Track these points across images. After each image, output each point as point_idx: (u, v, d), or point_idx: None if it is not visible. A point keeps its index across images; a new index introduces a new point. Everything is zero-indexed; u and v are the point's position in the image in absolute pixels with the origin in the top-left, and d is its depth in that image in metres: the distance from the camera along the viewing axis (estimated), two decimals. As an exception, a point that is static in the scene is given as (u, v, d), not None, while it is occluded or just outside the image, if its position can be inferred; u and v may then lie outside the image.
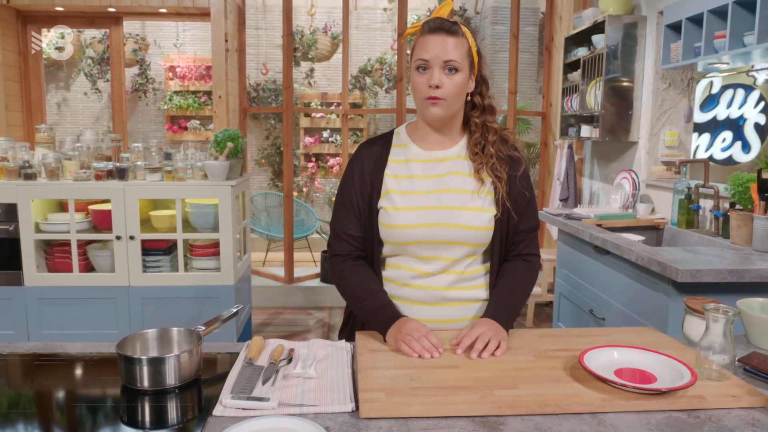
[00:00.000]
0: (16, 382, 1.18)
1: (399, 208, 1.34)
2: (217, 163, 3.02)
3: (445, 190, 1.35)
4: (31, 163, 3.02)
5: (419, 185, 1.36)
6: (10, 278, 3.00)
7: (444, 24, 1.31)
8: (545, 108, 4.74)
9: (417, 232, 1.33)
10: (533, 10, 6.29)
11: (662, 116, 3.32)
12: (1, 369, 1.22)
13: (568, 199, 4.02)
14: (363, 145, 1.45)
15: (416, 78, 1.32)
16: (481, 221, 1.34)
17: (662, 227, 2.97)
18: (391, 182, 1.37)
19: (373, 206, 1.37)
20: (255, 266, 5.03)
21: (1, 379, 1.18)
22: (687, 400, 1.01)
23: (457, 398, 1.00)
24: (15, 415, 1.03)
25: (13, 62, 4.18)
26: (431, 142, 1.40)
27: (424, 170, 1.38)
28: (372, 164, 1.40)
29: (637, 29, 3.36)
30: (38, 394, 1.12)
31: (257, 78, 6.92)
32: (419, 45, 1.32)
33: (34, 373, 1.21)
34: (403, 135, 1.44)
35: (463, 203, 1.34)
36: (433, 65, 1.29)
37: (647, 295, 2.24)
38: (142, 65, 6.78)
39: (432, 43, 1.29)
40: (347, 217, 1.39)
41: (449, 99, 1.31)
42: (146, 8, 4.09)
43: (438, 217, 1.33)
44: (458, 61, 1.29)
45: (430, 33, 1.31)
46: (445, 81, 1.29)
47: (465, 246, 1.35)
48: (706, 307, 1.12)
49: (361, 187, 1.39)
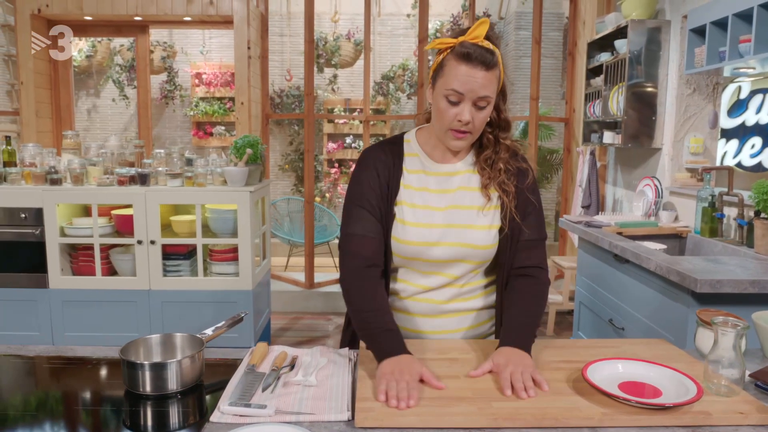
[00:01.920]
0: (22, 384, 1.21)
1: (412, 223, 1.31)
2: (236, 169, 3.06)
3: (456, 206, 1.32)
4: (57, 169, 3.11)
5: (433, 200, 1.33)
6: (35, 281, 3.09)
7: (484, 56, 1.20)
8: (568, 114, 4.68)
9: (429, 251, 1.30)
10: (558, 15, 6.23)
11: (686, 122, 3.25)
12: (8, 371, 1.25)
13: (590, 206, 3.96)
14: (373, 150, 1.39)
15: (443, 106, 1.25)
16: (486, 239, 1.31)
17: (685, 236, 2.90)
18: (405, 193, 1.34)
19: (391, 211, 1.33)
20: (276, 271, 5.07)
21: (7, 381, 1.21)
22: (692, 416, 0.98)
23: (454, 409, 0.99)
24: (19, 417, 1.05)
25: (44, 70, 4.31)
26: (444, 153, 1.36)
27: (438, 184, 1.34)
28: (386, 169, 1.34)
29: (661, 34, 3.30)
30: (43, 397, 1.14)
31: (281, 84, 7.00)
32: (452, 72, 1.22)
33: (42, 375, 1.24)
34: (413, 143, 1.39)
35: (471, 221, 1.31)
36: (466, 100, 1.23)
37: (667, 306, 2.19)
38: (170, 72, 6.92)
39: (468, 76, 1.20)
40: (365, 219, 1.31)
41: (475, 132, 1.28)
42: (171, 17, 4.17)
43: (450, 235, 1.30)
44: (491, 96, 1.24)
45: (465, 61, 1.20)
46: (475, 116, 1.24)
47: (468, 263, 1.32)
48: (715, 320, 1.08)
49: (380, 190, 1.32)
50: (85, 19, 4.24)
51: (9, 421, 1.03)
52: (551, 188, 6.05)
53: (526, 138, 4.98)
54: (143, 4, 4.07)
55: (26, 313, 3.11)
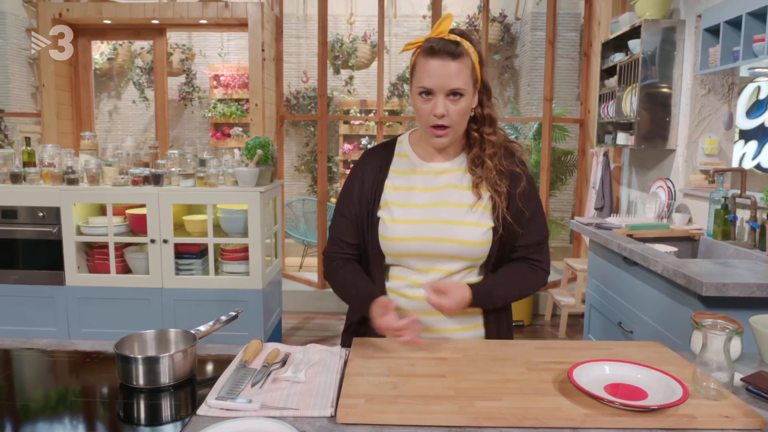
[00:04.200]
0: (24, 376, 1.25)
1: (397, 220, 1.34)
2: (247, 170, 3.10)
3: (443, 203, 1.34)
4: (74, 169, 3.18)
5: (418, 198, 1.36)
6: (53, 278, 3.16)
7: (447, 47, 1.24)
8: (583, 115, 4.64)
9: (413, 245, 1.33)
10: (574, 15, 6.18)
11: (701, 123, 3.20)
12: (8, 363, 1.29)
13: (603, 208, 3.92)
14: (366, 154, 1.46)
15: (419, 104, 1.28)
16: (476, 236, 1.32)
17: (698, 238, 2.85)
18: (391, 194, 1.37)
19: (373, 216, 1.37)
20: (290, 271, 5.11)
21: (8, 373, 1.25)
22: (676, 419, 0.97)
23: (436, 408, 0.99)
24: (16, 407, 1.08)
25: (65, 73, 4.41)
26: (433, 153, 1.38)
27: (425, 182, 1.37)
28: (372, 174, 1.40)
29: (676, 33, 3.26)
30: (42, 389, 1.18)
31: (298, 86, 7.05)
32: (421, 68, 1.27)
33: (41, 368, 1.27)
34: (405, 144, 1.43)
35: (460, 218, 1.33)
36: (437, 93, 1.25)
37: (674, 309, 2.16)
38: (188, 74, 7.02)
39: (435, 69, 1.24)
40: (345, 226, 1.41)
41: (455, 125, 1.29)
42: (187, 20, 4.23)
43: (434, 231, 1.32)
44: (463, 86, 1.25)
45: (431, 56, 1.24)
46: (450, 108, 1.26)
47: (461, 260, 1.34)
48: (703, 322, 1.07)
49: (360, 197, 1.39)
50: (105, 23, 4.33)
51: (4, 411, 1.07)
52: (566, 190, 6.00)
53: (539, 140, 4.95)
54: (160, 7, 4.14)
55: (44, 309, 3.19)
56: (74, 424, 1.04)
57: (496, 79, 6.74)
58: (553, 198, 6.13)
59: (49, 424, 1.03)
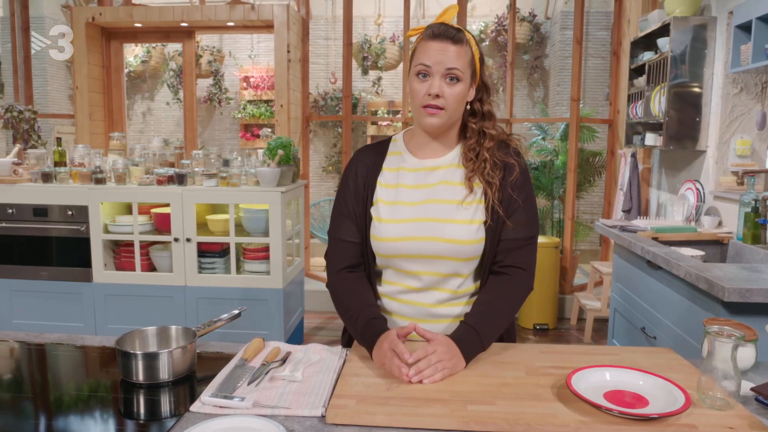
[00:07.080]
0: (26, 370, 1.28)
1: (385, 219, 1.32)
2: (268, 170, 3.13)
3: (433, 200, 1.32)
4: (102, 169, 3.26)
5: (406, 196, 1.34)
6: (80, 275, 3.25)
7: (448, 31, 1.26)
8: (612, 115, 4.53)
9: (402, 246, 1.30)
10: (606, 14, 6.05)
11: (733, 123, 3.09)
12: (9, 355, 1.33)
13: (631, 210, 3.82)
14: (359, 152, 1.44)
15: (415, 84, 1.28)
16: (467, 234, 1.28)
17: (727, 242, 2.75)
18: (382, 192, 1.36)
19: (368, 214, 1.36)
20: (316, 271, 5.14)
21: (10, 365, 1.29)
22: (676, 429, 0.94)
23: (427, 410, 0.98)
24: (19, 400, 1.11)
25: (98, 75, 4.53)
26: (426, 149, 1.37)
27: (415, 179, 1.35)
28: (366, 171, 1.38)
29: (707, 31, 3.15)
30: (44, 382, 1.21)
31: (326, 87, 7.09)
32: (421, 49, 1.28)
33: (47, 362, 1.30)
34: (399, 142, 1.42)
35: (450, 215, 1.29)
36: (434, 73, 1.26)
37: (696, 314, 2.09)
38: (216, 76, 7.14)
39: (434, 49, 1.26)
40: (345, 224, 1.38)
41: (449, 109, 1.28)
42: (215, 22, 4.30)
43: (423, 230, 1.30)
44: (460, 70, 1.26)
45: (432, 39, 1.27)
46: (445, 90, 1.26)
47: (452, 260, 1.30)
48: (709, 329, 1.03)
49: (356, 193, 1.38)
50: (135, 26, 4.44)
51: (6, 403, 1.10)
52: (595, 192, 5.88)
53: (566, 141, 4.86)
54: (189, 11, 4.22)
55: (72, 304, 3.28)
56: (73, 419, 1.06)
57: (525, 79, 6.65)
58: (582, 200, 6.01)
59: (47, 417, 1.06)
